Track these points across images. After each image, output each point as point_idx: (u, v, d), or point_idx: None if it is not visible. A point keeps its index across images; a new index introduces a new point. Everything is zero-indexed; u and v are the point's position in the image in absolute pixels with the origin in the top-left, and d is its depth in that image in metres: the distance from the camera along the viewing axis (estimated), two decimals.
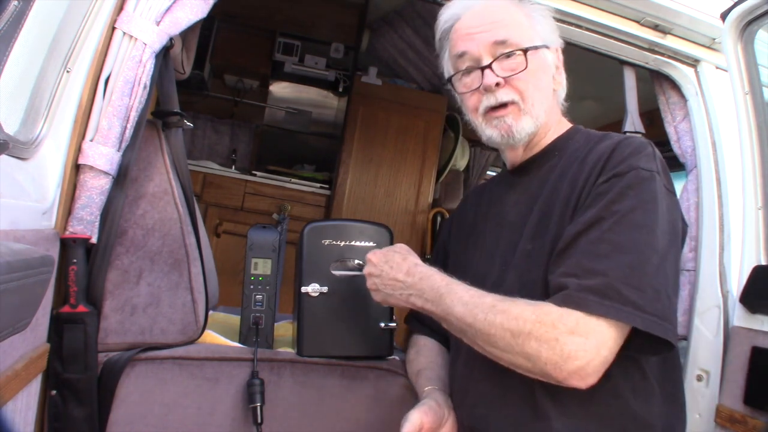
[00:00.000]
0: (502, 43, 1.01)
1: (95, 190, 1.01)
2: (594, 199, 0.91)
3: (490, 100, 1.02)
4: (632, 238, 0.86)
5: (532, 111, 1.02)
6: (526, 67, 1.01)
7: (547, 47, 1.06)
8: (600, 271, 0.84)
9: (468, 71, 1.05)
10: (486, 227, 1.13)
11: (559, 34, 1.12)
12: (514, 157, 1.12)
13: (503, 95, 1.01)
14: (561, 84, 1.10)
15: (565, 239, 0.90)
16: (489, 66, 1.01)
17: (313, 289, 1.16)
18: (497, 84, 1.01)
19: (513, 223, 1.06)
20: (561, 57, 1.10)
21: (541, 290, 0.93)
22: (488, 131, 1.04)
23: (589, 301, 0.82)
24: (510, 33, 1.02)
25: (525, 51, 1.01)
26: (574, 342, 0.81)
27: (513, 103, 1.01)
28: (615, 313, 0.82)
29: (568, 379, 0.82)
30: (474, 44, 1.03)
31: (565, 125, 1.11)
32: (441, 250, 1.27)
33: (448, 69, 1.11)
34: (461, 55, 1.05)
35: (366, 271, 1.06)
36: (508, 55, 1.01)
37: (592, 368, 0.82)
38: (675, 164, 1.36)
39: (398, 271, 1.00)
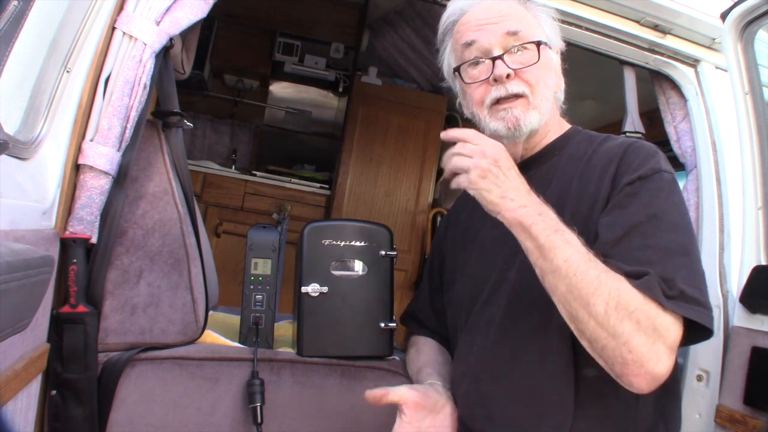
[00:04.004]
0: (514, 34, 0.99)
1: (95, 190, 1.01)
2: (622, 201, 0.91)
3: (499, 92, 0.99)
4: (675, 240, 0.87)
5: (539, 106, 1.00)
6: (538, 60, 0.99)
7: (551, 47, 1.06)
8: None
9: (476, 62, 1.02)
10: (484, 224, 1.13)
11: (560, 35, 1.11)
12: (513, 155, 1.10)
13: (514, 87, 0.99)
14: (560, 87, 1.08)
15: (603, 246, 0.87)
16: (500, 57, 0.98)
17: (313, 289, 1.16)
18: (508, 75, 0.98)
19: None
20: (560, 61, 1.10)
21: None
22: (493, 124, 1.01)
23: (663, 289, 0.81)
24: (521, 26, 1.00)
25: (537, 44, 1.00)
26: (659, 346, 0.79)
27: (523, 95, 0.99)
28: (686, 311, 0.81)
29: (638, 378, 0.78)
30: (484, 34, 1.00)
31: (565, 126, 1.12)
32: (437, 251, 1.27)
33: (450, 61, 1.09)
34: (469, 44, 1.02)
35: (473, 150, 0.90)
36: (519, 48, 0.99)
37: (665, 373, 0.79)
38: (675, 164, 1.36)
39: (517, 180, 0.89)
